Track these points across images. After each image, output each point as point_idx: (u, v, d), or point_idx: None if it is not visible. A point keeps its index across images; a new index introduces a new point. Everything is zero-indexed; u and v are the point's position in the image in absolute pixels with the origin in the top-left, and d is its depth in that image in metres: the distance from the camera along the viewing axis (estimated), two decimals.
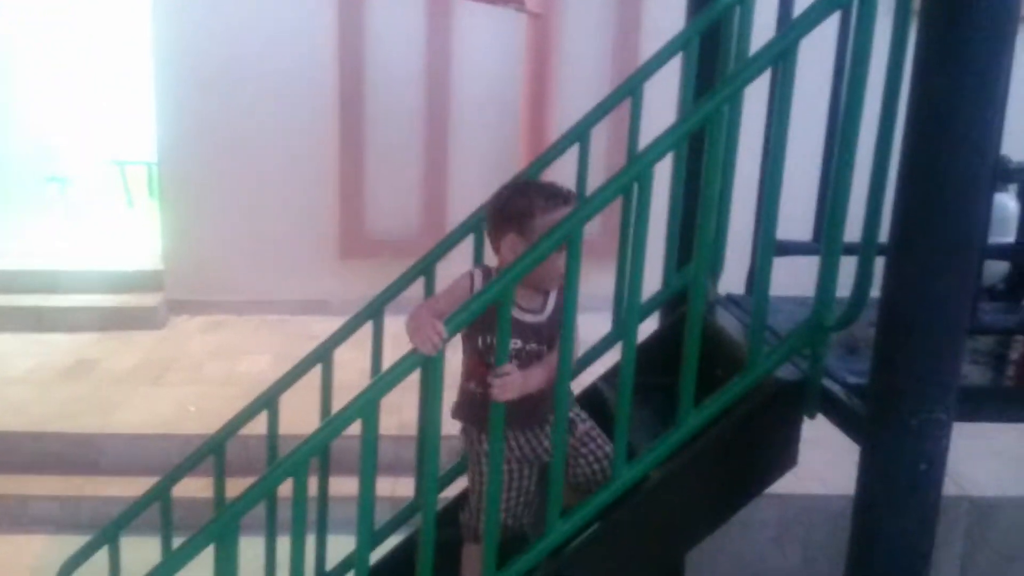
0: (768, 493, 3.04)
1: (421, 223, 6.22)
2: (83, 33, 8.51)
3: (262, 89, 6.15)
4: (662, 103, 2.58)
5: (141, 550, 2.50)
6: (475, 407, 1.95)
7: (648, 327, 2.53)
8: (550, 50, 5.62)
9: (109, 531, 2.42)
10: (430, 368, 1.75)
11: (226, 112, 6.19)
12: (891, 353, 1.52)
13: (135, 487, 2.81)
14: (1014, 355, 2.06)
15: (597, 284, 2.70)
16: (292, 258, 6.33)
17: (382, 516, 2.51)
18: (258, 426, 2.46)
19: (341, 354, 2.41)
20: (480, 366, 1.93)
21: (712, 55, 2.32)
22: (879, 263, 1.65)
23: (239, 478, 2.53)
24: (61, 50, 8.23)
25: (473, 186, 5.38)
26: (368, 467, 1.78)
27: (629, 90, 2.32)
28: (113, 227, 8.00)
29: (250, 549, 2.05)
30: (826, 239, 1.76)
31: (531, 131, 5.64)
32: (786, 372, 1.90)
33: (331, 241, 6.32)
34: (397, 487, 3.65)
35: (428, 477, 1.84)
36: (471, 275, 1.94)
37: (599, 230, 5.93)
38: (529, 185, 1.99)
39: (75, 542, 2.71)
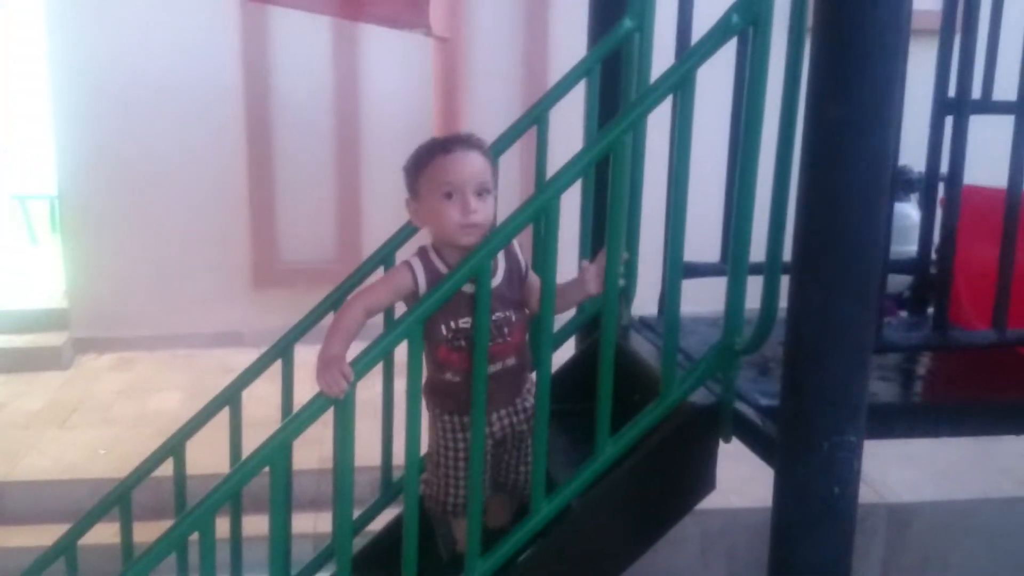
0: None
1: (336, 248, 6.13)
2: None
3: (164, 116, 5.98)
4: (570, 124, 2.58)
5: None
6: (454, 395, 1.88)
7: (566, 352, 2.52)
8: (459, 73, 5.61)
9: None
10: (340, 409, 1.69)
11: (128, 141, 5.99)
12: (798, 377, 1.53)
13: (43, 536, 2.67)
14: (921, 370, 2.09)
15: None
16: (203, 289, 6.16)
17: (304, 554, 2.44)
18: (169, 468, 2.36)
19: (255, 389, 2.34)
20: (451, 354, 1.84)
21: (615, 80, 2.32)
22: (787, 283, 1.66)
23: (152, 521, 2.44)
24: None
25: (387, 208, 5.22)
26: (279, 511, 1.72)
27: (534, 119, 2.31)
28: (15, 265, 7.70)
29: None
30: (731, 260, 1.77)
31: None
32: (700, 396, 1.89)
33: (243, 270, 6.17)
34: (319, 522, 3.57)
35: (342, 518, 1.77)
36: (409, 267, 1.86)
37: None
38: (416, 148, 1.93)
39: None
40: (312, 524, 3.59)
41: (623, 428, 1.84)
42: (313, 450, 3.68)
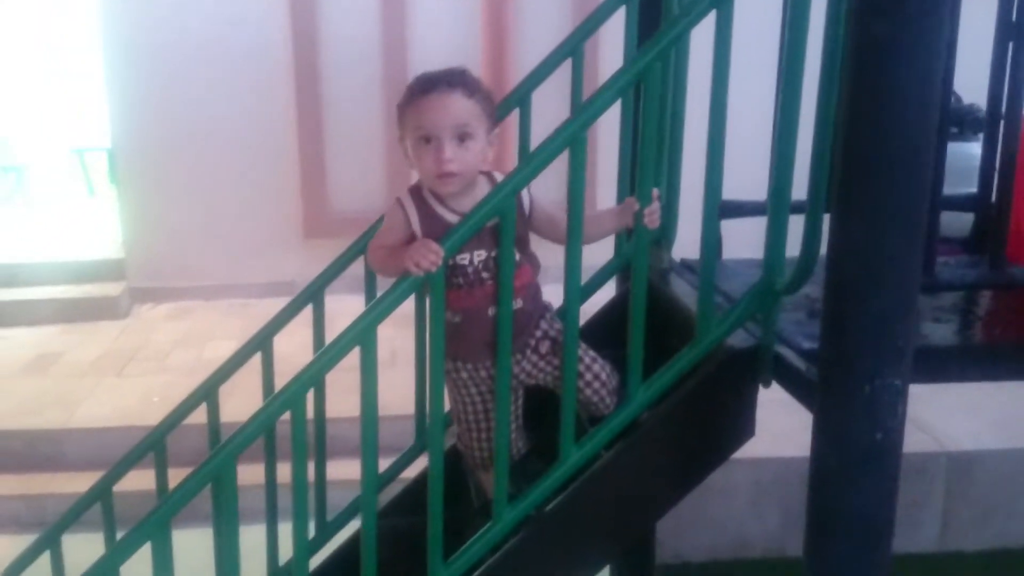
0: (742, 458, 2.98)
1: (385, 198, 6.09)
2: (34, 19, 8.28)
3: (215, 69, 6.00)
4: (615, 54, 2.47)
5: (91, 547, 2.41)
6: (452, 338, 1.80)
7: (606, 294, 2.44)
8: (507, 18, 5.49)
9: (50, 535, 2.32)
10: (434, 283, 1.63)
11: (180, 94, 6.04)
12: (839, 317, 1.43)
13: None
14: (980, 311, 1.97)
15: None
16: (256, 240, 6.20)
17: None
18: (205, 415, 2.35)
19: (287, 336, 2.31)
20: (449, 292, 1.75)
21: (657, 7, 2.21)
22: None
23: (189, 468, 2.44)
24: (12, 38, 8.00)
25: None
26: (370, 396, 1.65)
27: (570, 50, 2.21)
28: (74, 216, 7.83)
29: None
30: (772, 197, 1.66)
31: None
32: (739, 339, 1.81)
33: (294, 221, 6.19)
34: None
35: (435, 399, 1.70)
36: (399, 203, 1.81)
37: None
38: None
39: (81, 539, 2.60)
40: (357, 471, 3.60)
41: (656, 373, 1.76)
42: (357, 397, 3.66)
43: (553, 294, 2.36)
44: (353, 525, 2.26)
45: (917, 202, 1.34)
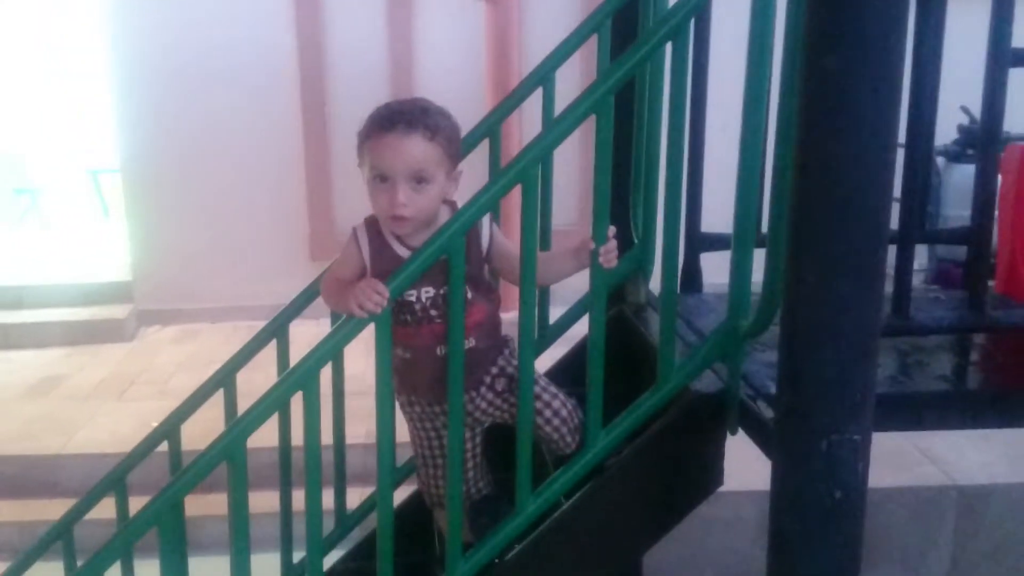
0: (747, 490, 2.87)
1: None
2: (44, 38, 8.35)
3: (222, 91, 6.01)
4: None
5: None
6: (399, 374, 1.76)
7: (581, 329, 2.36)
8: (510, 36, 5.44)
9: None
10: (379, 326, 1.58)
11: (187, 116, 6.05)
12: (794, 367, 1.34)
13: (96, 508, 2.65)
14: (973, 353, 1.86)
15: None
16: (262, 262, 6.17)
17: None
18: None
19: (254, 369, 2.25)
20: (396, 329, 1.69)
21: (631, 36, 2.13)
22: None
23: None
24: (20, 58, 8.07)
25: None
26: (312, 432, 1.60)
27: (539, 80, 2.14)
28: (86, 238, 7.86)
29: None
30: (736, 233, 1.58)
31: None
32: (706, 383, 1.72)
33: (301, 243, 6.17)
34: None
35: (383, 444, 1.64)
36: (354, 233, 1.76)
37: (576, 218, 5.77)
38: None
39: (36, 569, 2.56)
40: (359, 498, 3.53)
41: (617, 419, 1.68)
42: (360, 425, 3.62)
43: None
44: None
45: (872, 243, 1.25)
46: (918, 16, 1.55)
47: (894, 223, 1.69)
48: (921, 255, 5.67)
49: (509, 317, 2.25)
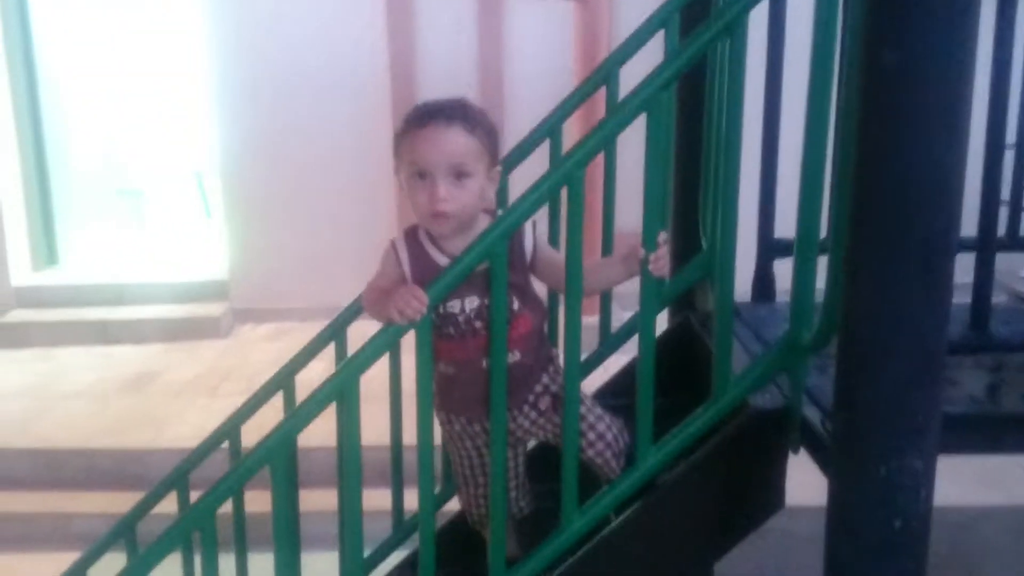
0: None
1: None
2: (152, 46, 8.61)
3: (316, 97, 6.12)
4: None
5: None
6: (441, 390, 1.72)
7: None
8: (600, 35, 5.35)
9: (77, 568, 2.33)
10: (419, 333, 1.54)
11: (282, 121, 6.17)
12: (851, 388, 1.24)
13: (163, 503, 2.71)
14: None
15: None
16: (352, 265, 6.20)
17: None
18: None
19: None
20: (439, 342, 1.65)
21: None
22: None
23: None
24: (132, 64, 8.35)
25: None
26: (352, 438, 1.57)
27: (603, 78, 2.07)
28: (188, 238, 8.09)
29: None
30: (798, 239, 1.47)
31: (586, 118, 5.40)
32: (767, 399, 1.62)
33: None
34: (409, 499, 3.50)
35: (423, 455, 1.60)
36: (392, 244, 1.72)
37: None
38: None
39: (120, 560, 2.62)
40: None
41: (668, 434, 1.59)
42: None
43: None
44: None
45: (937, 252, 1.14)
46: (998, 3, 1.42)
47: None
48: None
49: (590, 321, 2.19)
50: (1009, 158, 2.03)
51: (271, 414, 2.23)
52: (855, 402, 1.23)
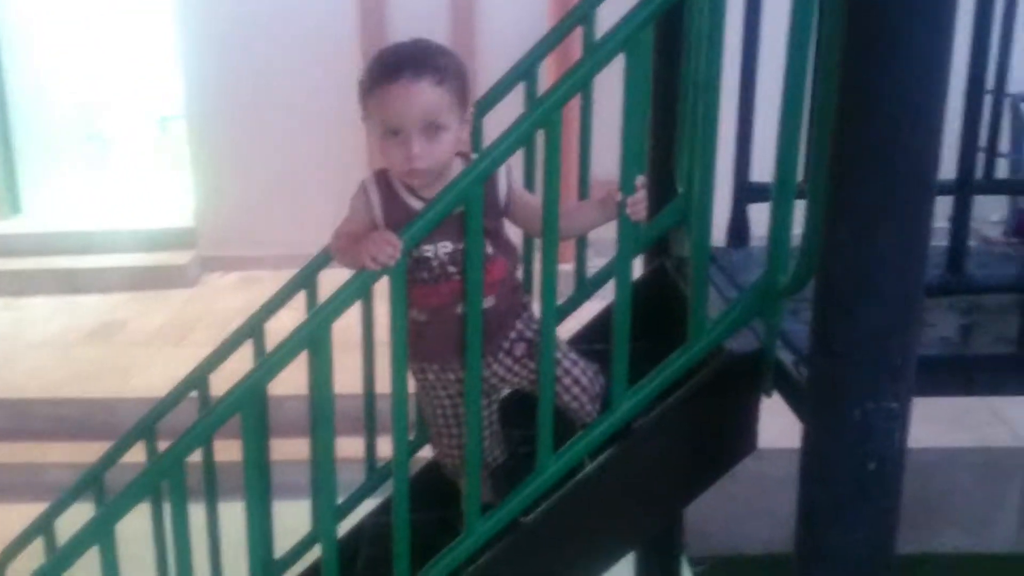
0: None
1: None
2: None
3: (283, 39, 5.98)
4: None
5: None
6: (413, 337, 1.66)
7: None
8: None
9: (43, 521, 2.31)
10: (394, 279, 1.51)
11: (249, 64, 6.04)
12: (827, 328, 1.23)
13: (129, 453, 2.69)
14: None
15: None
16: (323, 210, 6.11)
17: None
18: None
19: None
20: (412, 287, 1.61)
21: None
22: None
23: None
24: (98, 7, 8.12)
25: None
26: (324, 401, 1.55)
27: (579, 17, 2.03)
28: (155, 185, 7.95)
29: None
30: (776, 182, 1.46)
31: (560, 63, 5.33)
32: (742, 342, 1.61)
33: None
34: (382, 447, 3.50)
35: (397, 400, 1.57)
36: (363, 187, 1.68)
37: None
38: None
39: (88, 510, 2.59)
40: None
41: (643, 379, 1.59)
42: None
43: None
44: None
45: (916, 194, 1.13)
46: None
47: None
48: (1003, 207, 5.38)
49: (564, 268, 2.17)
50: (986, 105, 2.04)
51: (240, 364, 2.20)
52: (832, 344, 1.23)
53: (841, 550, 1.27)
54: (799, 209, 1.49)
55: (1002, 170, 4.15)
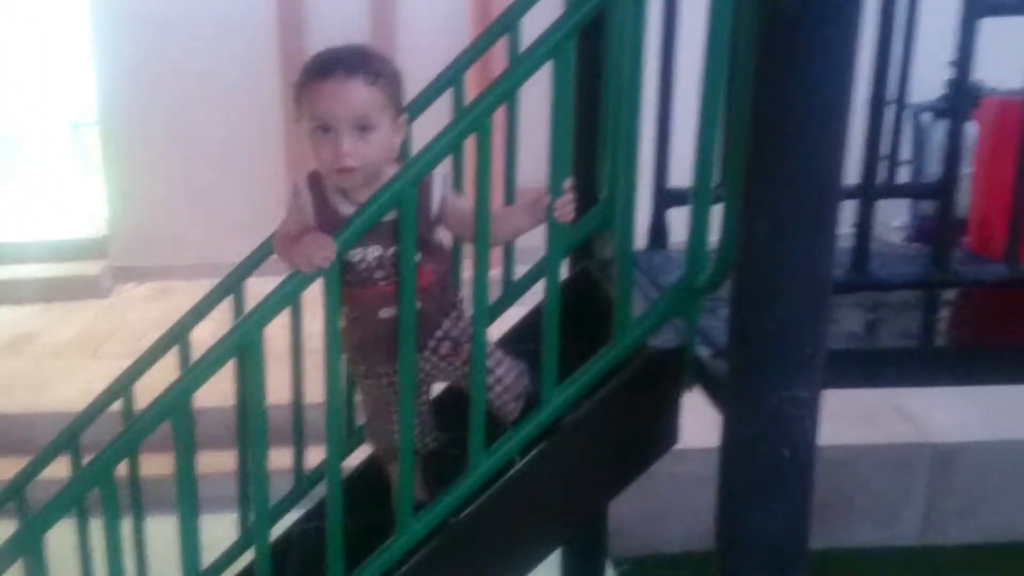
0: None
1: None
2: None
3: (200, 44, 5.90)
4: None
5: None
6: (345, 335, 1.72)
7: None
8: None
9: None
10: (327, 282, 1.53)
11: (164, 69, 5.94)
12: (744, 323, 1.31)
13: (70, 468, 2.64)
14: (944, 310, 1.83)
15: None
16: (239, 217, 6.08)
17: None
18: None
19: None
20: (343, 290, 1.63)
21: None
22: None
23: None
24: (9, 8, 7.89)
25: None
26: (256, 393, 1.57)
27: (504, 27, 2.08)
28: (66, 193, 7.75)
29: None
30: (694, 186, 1.53)
31: (481, 71, 5.39)
32: (664, 339, 1.68)
33: (278, 198, 6.05)
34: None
35: (332, 402, 1.60)
36: (295, 190, 1.70)
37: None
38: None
39: (9, 527, 2.53)
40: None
41: (571, 376, 1.64)
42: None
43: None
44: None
45: (824, 197, 1.21)
46: None
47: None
48: (904, 212, 5.62)
49: (491, 275, 2.21)
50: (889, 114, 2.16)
51: (160, 376, 2.19)
52: (748, 337, 1.30)
53: (760, 536, 1.34)
54: (716, 213, 1.57)
55: (904, 177, 4.34)
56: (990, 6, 1.74)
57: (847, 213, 1.62)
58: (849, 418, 3.73)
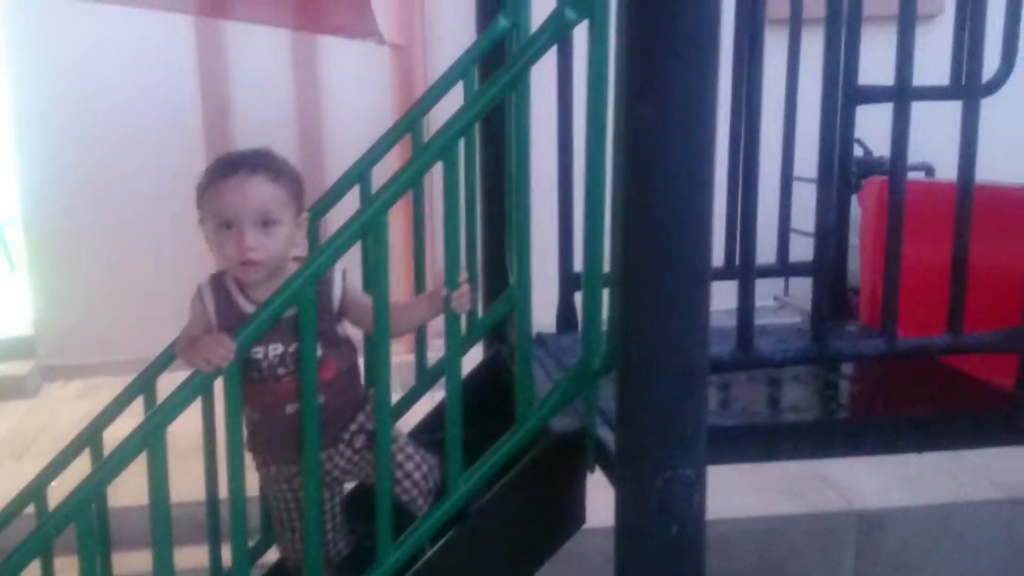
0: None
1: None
2: None
3: (123, 138, 5.88)
4: None
5: None
6: (252, 434, 1.74)
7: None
8: (416, 80, 5.47)
9: None
10: (227, 381, 1.56)
11: (88, 164, 5.90)
12: (628, 405, 1.36)
13: None
14: (841, 383, 1.91)
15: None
16: (167, 314, 5.99)
17: None
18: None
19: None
20: (244, 387, 1.65)
21: None
22: None
23: None
24: None
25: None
26: (160, 506, 1.56)
27: (407, 126, 2.17)
28: None
29: None
30: (585, 275, 1.60)
31: (403, 160, 5.49)
32: (567, 422, 1.73)
33: None
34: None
35: (235, 501, 1.59)
36: (198, 291, 1.75)
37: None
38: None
39: None
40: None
41: (477, 462, 1.68)
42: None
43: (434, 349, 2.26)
44: None
45: (692, 282, 1.29)
46: (747, 59, 1.61)
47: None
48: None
49: (408, 359, 2.24)
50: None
51: (79, 475, 2.17)
52: (632, 419, 1.36)
53: None
54: None
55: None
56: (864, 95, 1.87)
57: (768, 288, 1.71)
58: (773, 491, 3.79)
